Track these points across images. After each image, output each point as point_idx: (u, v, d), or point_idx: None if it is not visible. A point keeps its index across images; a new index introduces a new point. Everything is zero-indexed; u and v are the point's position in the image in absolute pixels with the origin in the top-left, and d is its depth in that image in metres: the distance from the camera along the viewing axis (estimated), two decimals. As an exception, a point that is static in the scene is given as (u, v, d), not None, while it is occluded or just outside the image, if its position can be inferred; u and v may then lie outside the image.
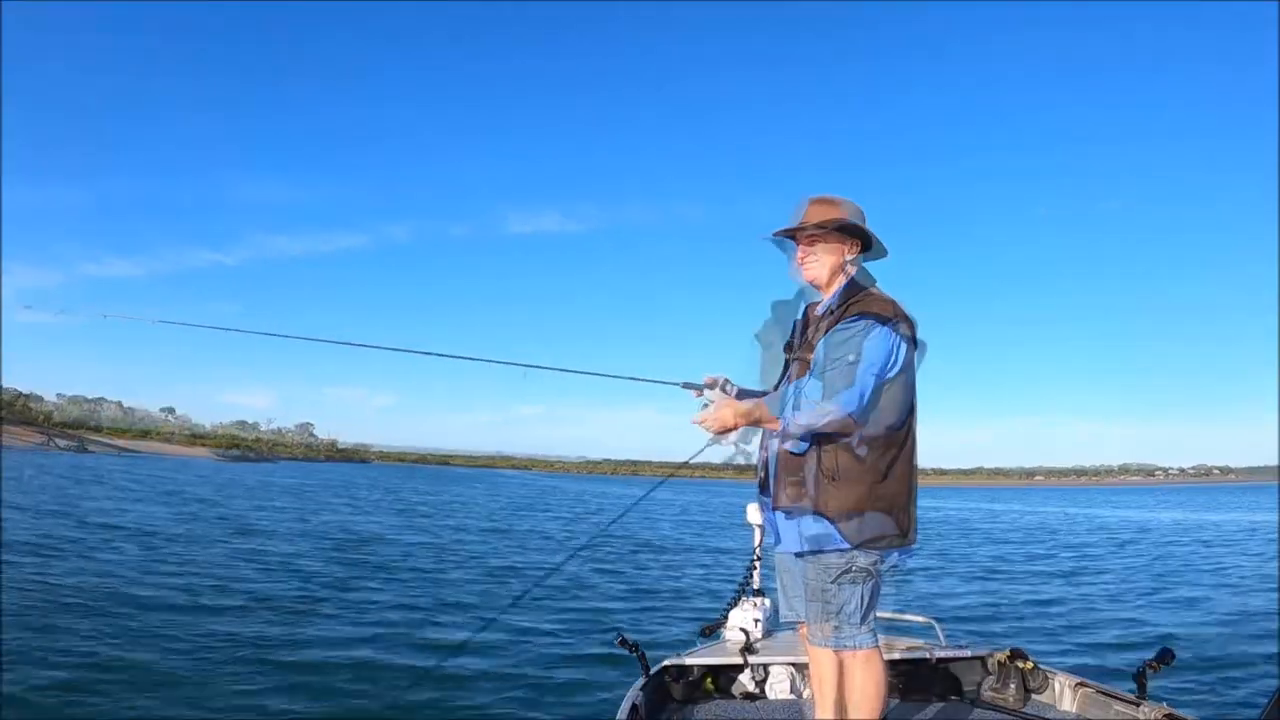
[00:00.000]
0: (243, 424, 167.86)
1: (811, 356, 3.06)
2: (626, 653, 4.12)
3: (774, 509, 3.07)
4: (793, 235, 3.19)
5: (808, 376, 3.02)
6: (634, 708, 3.66)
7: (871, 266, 3.22)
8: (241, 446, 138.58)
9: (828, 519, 2.94)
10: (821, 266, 3.14)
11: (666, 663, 4.16)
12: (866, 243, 3.19)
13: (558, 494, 58.33)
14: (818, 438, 2.93)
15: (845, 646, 3.02)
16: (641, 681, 3.95)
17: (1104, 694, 3.72)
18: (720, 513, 35.27)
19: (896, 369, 2.98)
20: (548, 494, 57.48)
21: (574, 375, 3.68)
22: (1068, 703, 3.86)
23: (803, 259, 3.16)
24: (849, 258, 3.17)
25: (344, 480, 62.03)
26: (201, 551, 14.45)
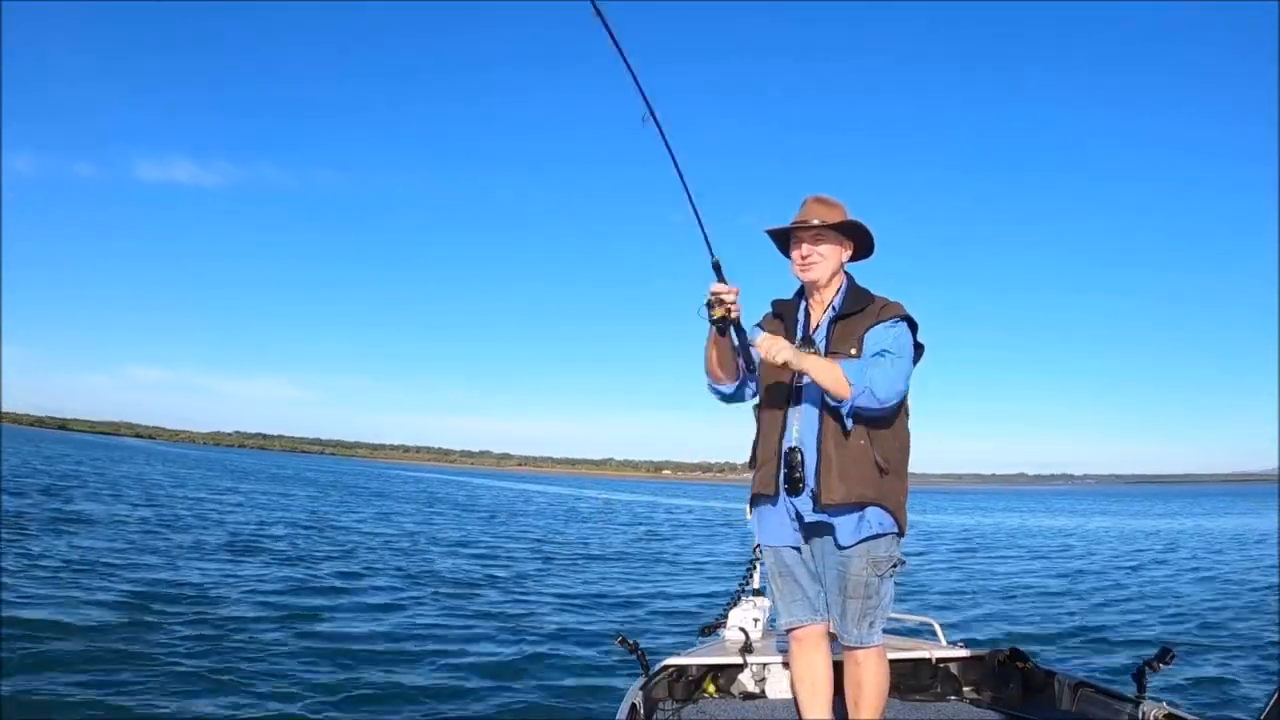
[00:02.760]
0: None
1: (815, 352, 3.04)
2: (626, 652, 4.06)
3: (824, 505, 2.97)
4: (788, 232, 3.18)
5: (859, 361, 2.98)
6: (634, 707, 3.60)
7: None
8: None
9: (887, 510, 2.99)
10: (825, 266, 3.13)
11: (666, 662, 4.12)
12: (862, 246, 3.21)
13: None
14: (872, 432, 2.96)
15: (875, 642, 3.07)
16: (641, 681, 3.90)
17: (1104, 694, 3.73)
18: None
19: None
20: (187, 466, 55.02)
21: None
22: (1067, 703, 3.87)
23: (806, 257, 3.13)
24: (845, 259, 3.20)
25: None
26: None
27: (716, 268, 2.94)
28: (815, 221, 3.10)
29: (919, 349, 3.10)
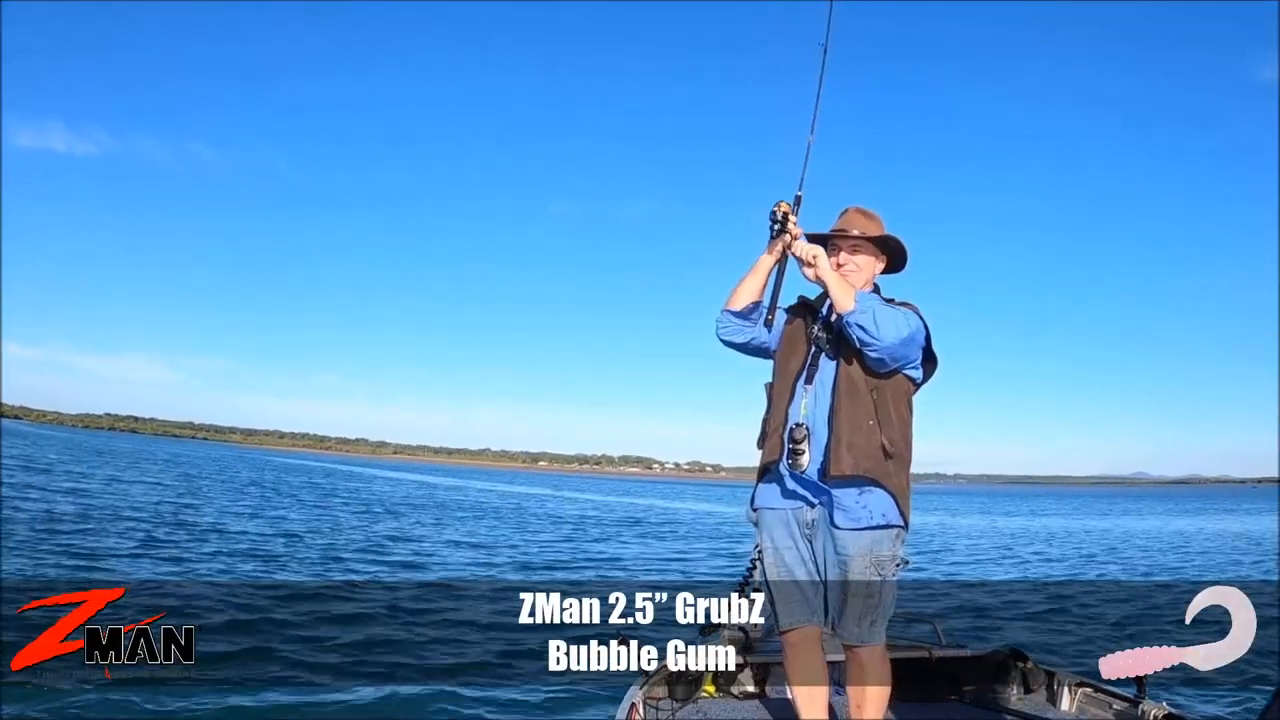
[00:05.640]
0: None
1: (833, 336, 3.09)
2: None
3: (831, 477, 2.98)
4: (826, 239, 3.20)
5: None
6: (633, 707, 3.59)
7: None
8: None
9: (891, 495, 3.00)
10: (859, 277, 3.16)
11: (667, 662, 4.03)
12: (895, 260, 3.26)
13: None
14: (881, 415, 2.99)
15: (877, 641, 3.09)
16: (641, 681, 3.83)
17: (1104, 693, 3.82)
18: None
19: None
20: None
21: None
22: (1067, 702, 3.95)
23: (841, 265, 3.15)
24: (878, 271, 3.25)
25: None
26: None
27: (798, 200, 3.06)
28: (855, 232, 3.16)
29: (932, 361, 3.15)
